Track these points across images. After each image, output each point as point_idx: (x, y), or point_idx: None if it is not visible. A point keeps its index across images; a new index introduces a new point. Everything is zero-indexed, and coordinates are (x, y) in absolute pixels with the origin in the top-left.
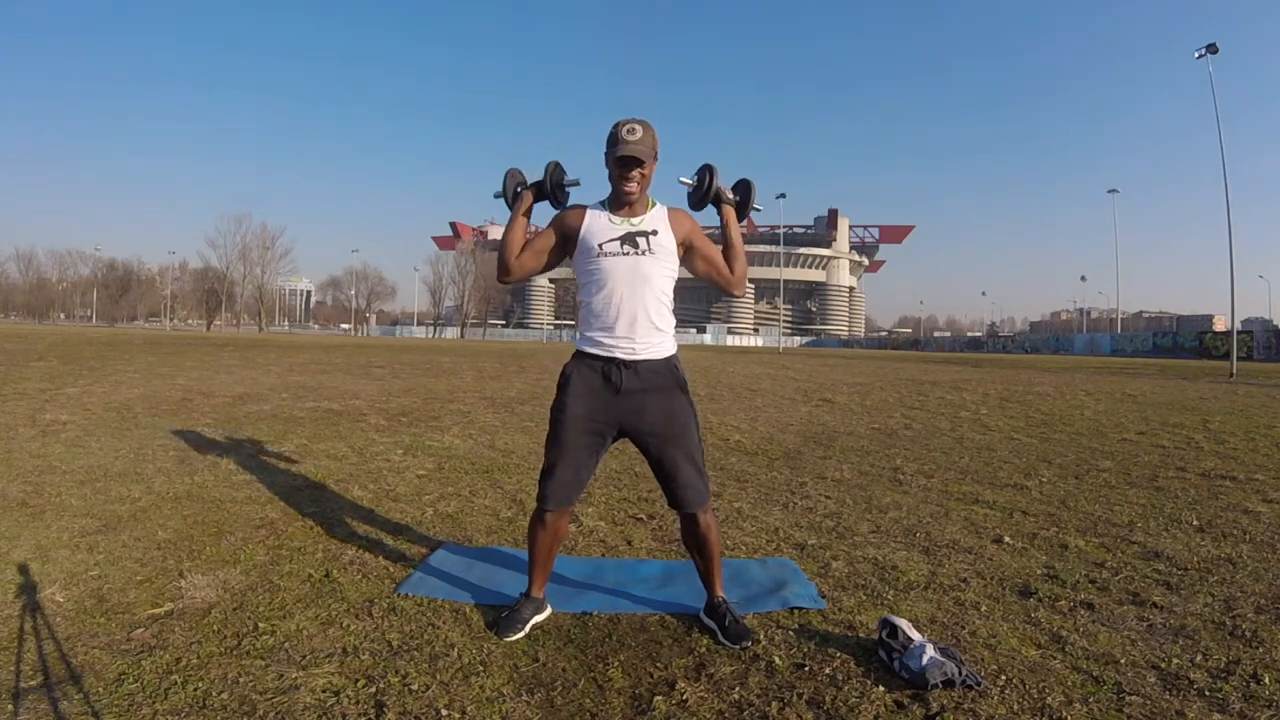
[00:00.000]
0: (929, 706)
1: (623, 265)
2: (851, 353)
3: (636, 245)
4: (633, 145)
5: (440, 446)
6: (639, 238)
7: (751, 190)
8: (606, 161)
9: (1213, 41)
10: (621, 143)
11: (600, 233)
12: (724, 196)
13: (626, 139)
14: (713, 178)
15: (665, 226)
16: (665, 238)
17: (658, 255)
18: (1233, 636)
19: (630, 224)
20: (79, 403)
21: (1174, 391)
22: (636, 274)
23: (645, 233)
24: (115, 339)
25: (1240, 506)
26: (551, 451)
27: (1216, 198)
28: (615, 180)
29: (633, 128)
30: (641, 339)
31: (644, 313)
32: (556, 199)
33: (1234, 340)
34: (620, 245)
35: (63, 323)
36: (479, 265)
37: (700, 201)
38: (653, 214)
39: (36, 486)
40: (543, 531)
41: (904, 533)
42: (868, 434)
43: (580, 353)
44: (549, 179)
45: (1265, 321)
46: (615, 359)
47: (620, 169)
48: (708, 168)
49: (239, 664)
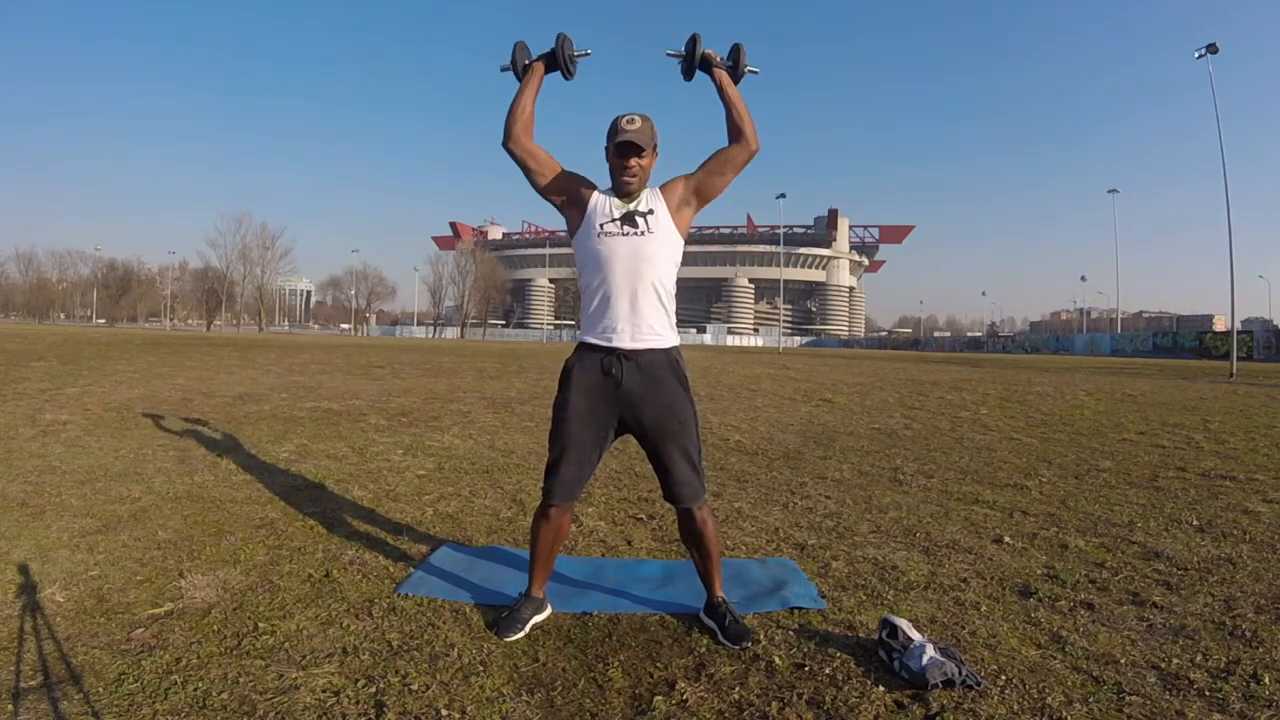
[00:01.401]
0: (929, 706)
1: (623, 247)
2: (851, 353)
3: (635, 225)
4: (631, 133)
5: (440, 446)
6: (638, 217)
7: (741, 52)
8: (607, 154)
9: (1213, 41)
10: (620, 131)
11: (602, 213)
12: (713, 60)
13: (625, 128)
14: (698, 44)
15: (660, 203)
16: (662, 213)
17: (657, 234)
18: (1233, 636)
19: (627, 205)
20: (79, 403)
21: (1174, 391)
22: (638, 256)
23: (643, 212)
24: (115, 339)
25: (1240, 506)
26: (555, 447)
27: (1216, 198)
28: (615, 171)
29: (631, 118)
30: (642, 326)
31: (644, 297)
32: (568, 70)
33: (1234, 340)
34: (620, 226)
35: (63, 323)
36: (479, 265)
37: (690, 70)
38: (645, 195)
39: (36, 486)
40: (546, 526)
41: (904, 533)
42: (868, 434)
43: (581, 345)
44: (561, 49)
45: (1265, 321)
46: (615, 350)
47: (619, 157)
48: (694, 36)
49: (239, 664)
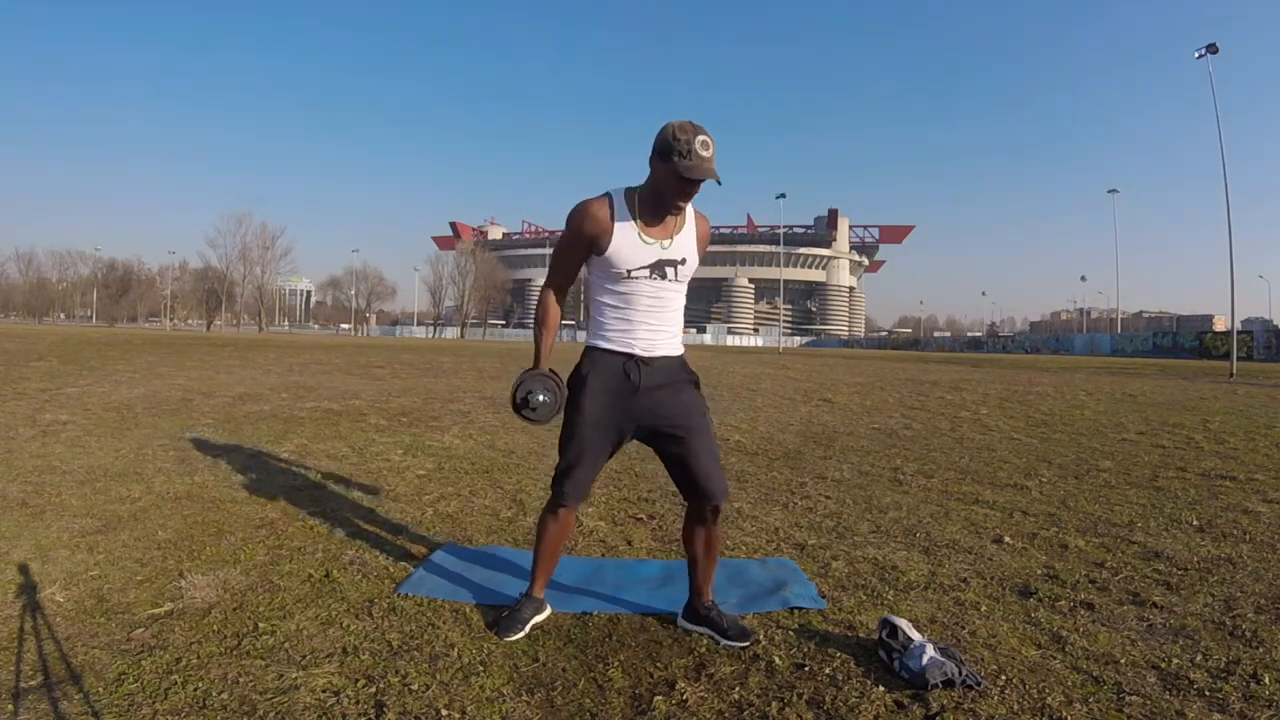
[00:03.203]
0: (929, 706)
1: (648, 290)
2: (851, 353)
3: (665, 275)
4: (707, 165)
5: (440, 446)
6: (668, 267)
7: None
8: (657, 164)
9: (1213, 41)
10: (696, 158)
11: (630, 256)
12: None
13: (701, 154)
14: None
15: (693, 251)
16: (693, 262)
17: (683, 282)
18: (1233, 636)
19: (661, 247)
20: (79, 403)
21: (1174, 391)
22: (660, 299)
23: (675, 262)
24: (115, 339)
25: (1240, 506)
26: (570, 451)
27: (1216, 198)
28: (669, 192)
29: (707, 142)
30: (659, 340)
31: (663, 322)
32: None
33: (1234, 340)
34: (649, 273)
35: (63, 323)
36: (479, 265)
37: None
38: (683, 236)
39: (36, 486)
40: (555, 526)
41: (904, 533)
42: (868, 434)
43: (595, 350)
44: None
45: (1265, 321)
46: (633, 355)
47: (682, 185)
48: None
49: (239, 664)
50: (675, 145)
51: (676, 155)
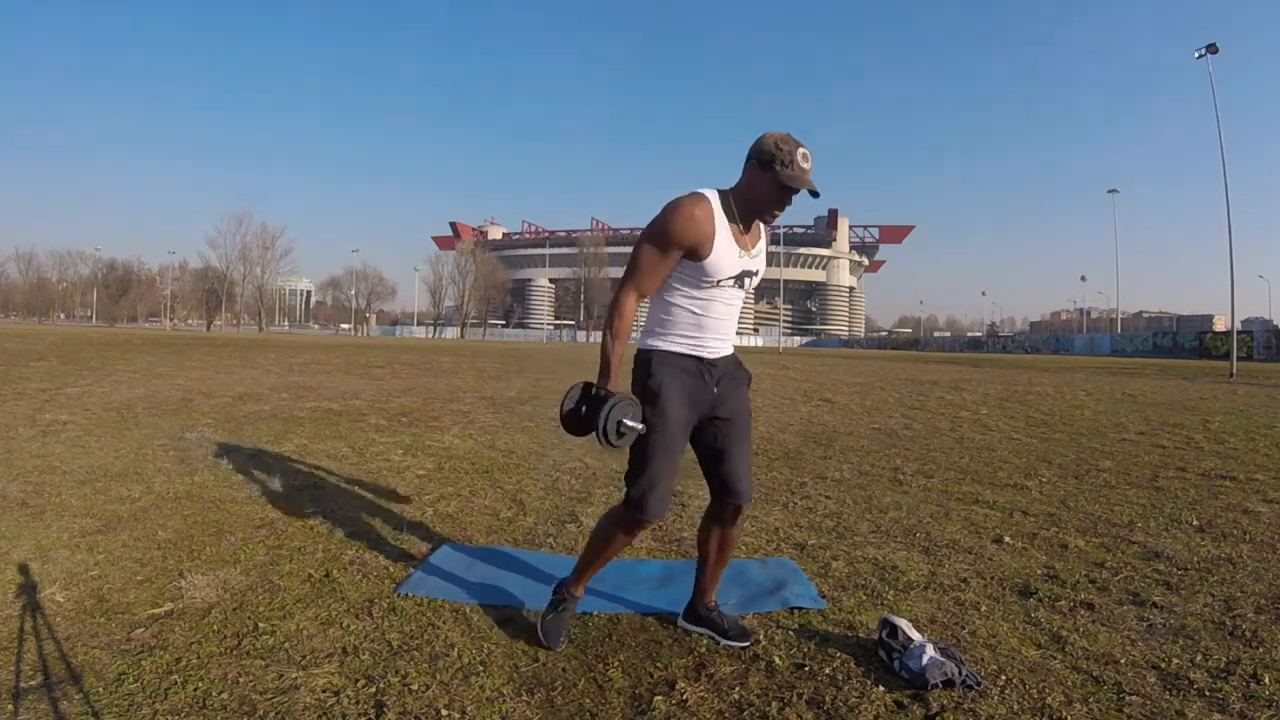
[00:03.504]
0: (929, 706)
1: (727, 297)
2: (851, 353)
3: (743, 284)
4: (807, 177)
5: (440, 446)
6: (747, 277)
7: None
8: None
9: (1213, 41)
10: (797, 169)
11: (727, 265)
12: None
13: (802, 165)
14: None
15: (764, 261)
16: (762, 273)
17: (751, 292)
18: (1233, 636)
19: (748, 255)
20: (79, 403)
21: (1174, 391)
22: (733, 306)
23: (753, 272)
24: (115, 339)
25: (1240, 506)
26: (655, 463)
27: (1217, 198)
28: (767, 201)
29: (807, 154)
30: (724, 346)
31: (729, 332)
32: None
33: (1234, 340)
34: (734, 282)
35: (63, 323)
36: (479, 265)
37: None
38: (761, 245)
39: (36, 486)
40: (626, 539)
41: (904, 533)
42: (868, 434)
43: (666, 354)
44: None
45: (1265, 321)
46: (703, 359)
47: (782, 195)
48: None
49: (239, 664)
50: (778, 155)
51: (779, 164)
